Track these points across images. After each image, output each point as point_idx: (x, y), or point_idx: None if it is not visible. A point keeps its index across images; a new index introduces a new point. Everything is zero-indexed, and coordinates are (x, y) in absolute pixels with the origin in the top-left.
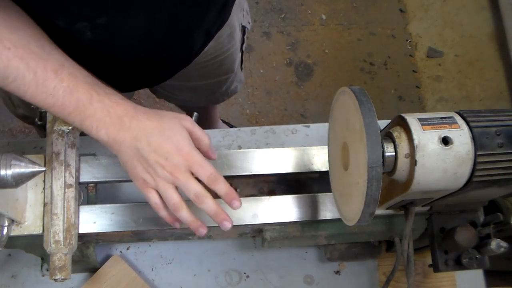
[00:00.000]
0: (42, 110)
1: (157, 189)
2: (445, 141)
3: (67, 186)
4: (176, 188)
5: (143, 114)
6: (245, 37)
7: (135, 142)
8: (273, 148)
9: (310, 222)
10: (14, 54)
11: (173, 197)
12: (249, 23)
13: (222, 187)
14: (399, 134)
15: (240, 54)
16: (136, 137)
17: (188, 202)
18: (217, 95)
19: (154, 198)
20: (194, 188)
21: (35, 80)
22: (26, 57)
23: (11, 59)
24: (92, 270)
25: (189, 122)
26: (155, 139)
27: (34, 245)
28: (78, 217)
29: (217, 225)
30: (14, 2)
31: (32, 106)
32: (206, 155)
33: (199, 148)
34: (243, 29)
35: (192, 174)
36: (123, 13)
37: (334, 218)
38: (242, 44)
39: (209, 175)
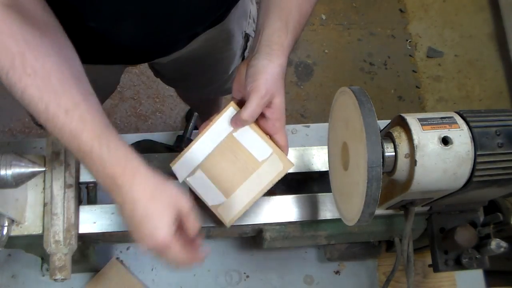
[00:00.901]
0: None
1: None
2: (445, 141)
3: (67, 186)
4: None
5: (139, 182)
6: (248, 44)
7: (123, 207)
8: None
9: (310, 222)
10: (32, 82)
11: (170, 259)
12: (254, 31)
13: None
14: (399, 134)
15: (240, 59)
16: (124, 203)
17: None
18: (209, 89)
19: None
20: (175, 258)
21: (46, 113)
22: (43, 88)
23: (28, 86)
24: (92, 270)
25: (187, 207)
26: (137, 215)
27: (34, 245)
28: (78, 217)
29: (217, 225)
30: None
31: None
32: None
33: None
34: (247, 36)
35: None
36: (113, 22)
37: (334, 218)
38: (244, 50)
39: (181, 264)
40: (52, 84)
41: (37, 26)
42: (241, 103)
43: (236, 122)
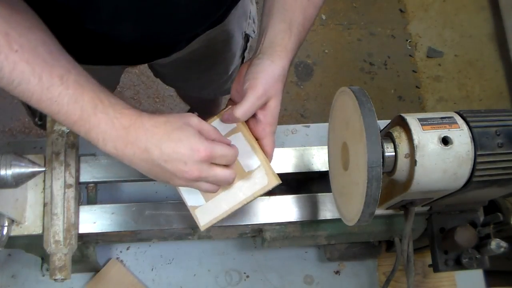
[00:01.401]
0: None
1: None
2: (445, 141)
3: (67, 186)
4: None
5: (148, 121)
6: (248, 44)
7: (147, 154)
8: None
9: (310, 222)
10: (20, 57)
11: (211, 188)
12: (254, 31)
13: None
14: (399, 134)
15: (240, 60)
16: (146, 149)
17: None
18: (209, 90)
19: (202, 187)
20: (222, 177)
21: (40, 85)
22: (32, 61)
23: (17, 62)
24: (92, 270)
25: (196, 119)
26: (166, 146)
27: (34, 245)
28: (78, 217)
29: (217, 225)
30: None
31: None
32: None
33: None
34: (246, 37)
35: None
36: (111, 24)
37: (334, 218)
38: (244, 51)
39: (232, 161)
40: (41, 55)
41: (12, 5)
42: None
43: (228, 118)
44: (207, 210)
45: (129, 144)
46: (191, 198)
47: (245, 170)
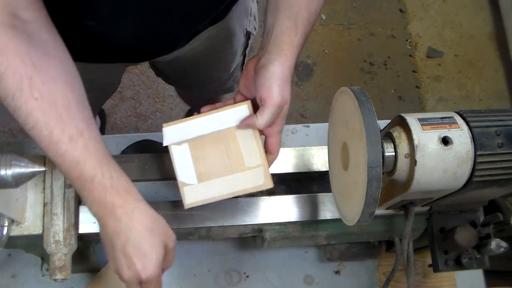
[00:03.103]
0: None
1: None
2: (445, 141)
3: (67, 186)
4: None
5: (138, 215)
6: (249, 41)
7: (115, 236)
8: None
9: (310, 222)
10: (38, 106)
11: None
12: (255, 29)
13: None
14: (399, 134)
15: (241, 57)
16: (118, 233)
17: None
18: (210, 88)
19: None
20: None
21: (49, 138)
22: (48, 114)
23: (34, 110)
24: (92, 270)
25: (172, 244)
26: (130, 246)
27: (34, 245)
28: (78, 217)
29: (217, 225)
30: None
31: None
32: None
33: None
34: (248, 34)
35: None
36: (111, 20)
37: (334, 218)
38: (245, 48)
39: None
40: (58, 110)
41: (43, 48)
42: (246, 99)
43: (247, 125)
44: (196, 190)
45: (110, 218)
46: (184, 174)
47: (245, 165)
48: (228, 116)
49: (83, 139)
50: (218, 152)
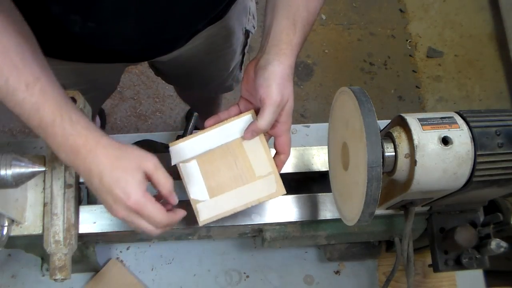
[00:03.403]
0: None
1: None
2: (445, 141)
3: (67, 186)
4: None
5: (102, 149)
6: (248, 40)
7: (89, 176)
8: (273, 148)
9: (310, 222)
10: None
11: (143, 228)
12: (254, 27)
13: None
14: (399, 134)
15: (240, 56)
16: (90, 171)
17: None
18: (209, 87)
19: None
20: (146, 230)
21: (6, 87)
22: (1, 63)
23: None
24: (92, 270)
25: (151, 165)
26: (105, 180)
27: (34, 245)
28: (78, 217)
29: (217, 225)
30: None
31: None
32: (167, 199)
33: (159, 192)
34: (247, 33)
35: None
36: (113, 21)
37: (334, 218)
38: (244, 47)
39: (156, 225)
40: (12, 59)
41: None
42: (249, 103)
43: (252, 132)
44: (209, 206)
45: (77, 160)
46: (195, 191)
47: (256, 175)
48: (233, 128)
49: (40, 84)
50: (227, 165)
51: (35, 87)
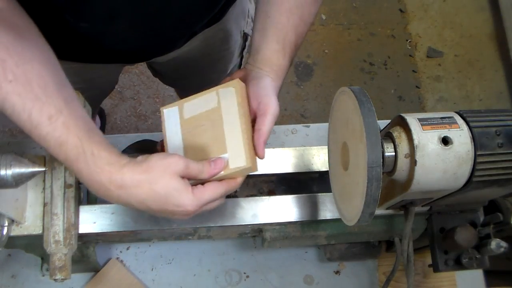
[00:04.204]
0: None
1: None
2: (445, 141)
3: (67, 186)
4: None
5: (131, 181)
6: (246, 43)
7: (133, 206)
8: (273, 148)
9: (310, 222)
10: (13, 88)
11: (215, 207)
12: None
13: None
14: (399, 134)
15: (238, 59)
16: (131, 204)
17: None
18: (207, 88)
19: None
20: (214, 208)
21: (30, 122)
22: (24, 95)
23: (10, 94)
24: (92, 270)
25: (181, 165)
26: (152, 205)
27: (34, 245)
28: (78, 217)
29: (217, 225)
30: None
31: None
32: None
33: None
34: (245, 36)
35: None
36: (105, 23)
37: (334, 218)
38: (242, 50)
39: (222, 196)
40: (34, 90)
41: (16, 32)
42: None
43: (264, 142)
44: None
45: (110, 198)
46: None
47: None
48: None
49: (63, 117)
50: (203, 133)
51: (58, 121)
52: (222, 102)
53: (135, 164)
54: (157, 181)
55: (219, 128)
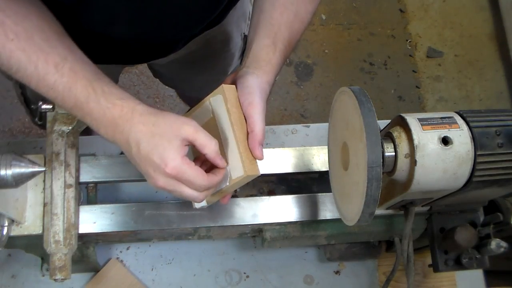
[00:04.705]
0: (42, 111)
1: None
2: (445, 141)
3: (67, 186)
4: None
5: (139, 117)
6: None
7: (127, 146)
8: (273, 148)
9: (310, 222)
10: (16, 46)
11: (186, 195)
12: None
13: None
14: (399, 134)
15: (239, 61)
16: (128, 142)
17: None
18: (207, 90)
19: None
20: (188, 196)
21: (36, 73)
22: (28, 49)
23: (14, 51)
24: (92, 270)
25: (191, 128)
26: (143, 147)
27: (34, 245)
28: (78, 217)
29: (217, 225)
30: None
31: (32, 107)
32: (213, 162)
33: (205, 155)
34: (245, 38)
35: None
36: (103, 24)
37: (334, 218)
38: (243, 52)
39: (198, 189)
40: (37, 43)
41: None
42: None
43: (259, 146)
44: None
45: (117, 133)
46: None
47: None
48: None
49: (69, 64)
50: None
51: (64, 67)
52: (215, 112)
53: (149, 107)
54: (160, 128)
55: (217, 139)
